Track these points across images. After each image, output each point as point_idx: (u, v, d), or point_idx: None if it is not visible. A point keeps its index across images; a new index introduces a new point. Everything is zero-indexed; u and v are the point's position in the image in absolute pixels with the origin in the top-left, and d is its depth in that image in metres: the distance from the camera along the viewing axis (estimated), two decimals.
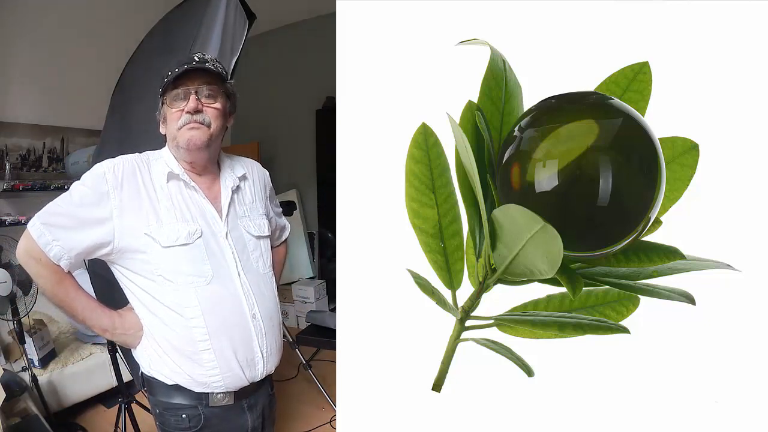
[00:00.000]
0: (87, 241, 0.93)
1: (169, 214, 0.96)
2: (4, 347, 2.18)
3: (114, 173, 0.94)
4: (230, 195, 1.05)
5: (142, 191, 0.96)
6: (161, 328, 0.97)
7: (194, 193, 1.01)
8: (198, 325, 0.95)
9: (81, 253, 0.94)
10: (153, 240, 0.94)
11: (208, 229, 0.99)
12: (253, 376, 1.02)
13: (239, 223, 1.05)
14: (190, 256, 0.96)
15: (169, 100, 0.98)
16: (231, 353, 0.97)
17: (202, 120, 0.97)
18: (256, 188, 1.14)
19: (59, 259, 0.93)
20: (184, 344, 0.96)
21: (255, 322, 1.00)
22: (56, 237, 0.92)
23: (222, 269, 0.99)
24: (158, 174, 0.99)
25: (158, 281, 0.95)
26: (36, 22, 2.57)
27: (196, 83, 0.97)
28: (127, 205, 0.94)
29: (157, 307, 0.96)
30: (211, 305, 0.96)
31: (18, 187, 2.50)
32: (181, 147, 0.98)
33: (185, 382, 0.98)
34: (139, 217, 0.94)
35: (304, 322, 3.16)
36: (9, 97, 2.54)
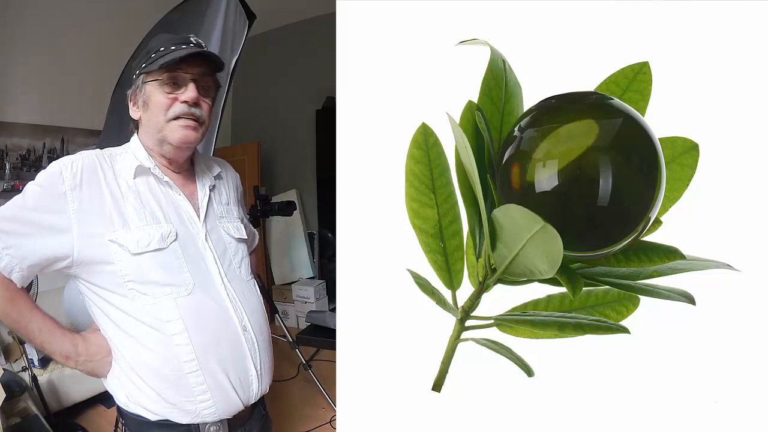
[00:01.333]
0: (42, 250, 0.80)
1: (137, 215, 0.83)
2: (4, 347, 2.18)
3: (72, 171, 0.81)
4: (207, 193, 0.95)
5: (104, 190, 0.83)
6: (138, 351, 0.83)
7: (167, 189, 0.89)
8: (182, 343, 0.82)
9: (35, 264, 0.80)
10: (120, 247, 0.81)
11: (185, 230, 0.88)
12: (248, 399, 0.90)
13: (218, 223, 0.95)
14: (165, 263, 0.83)
15: (160, 82, 0.85)
16: (222, 374, 0.85)
17: (199, 115, 0.87)
18: (231, 190, 1.04)
19: (10, 272, 0.79)
20: (166, 368, 0.82)
21: (246, 335, 0.88)
22: (6, 245, 0.78)
23: (204, 276, 0.87)
24: (123, 170, 0.86)
25: (130, 295, 0.82)
26: (36, 23, 2.57)
27: (196, 70, 0.86)
28: (87, 208, 0.81)
29: (132, 326, 0.83)
30: (196, 318, 0.83)
31: (18, 187, 2.50)
32: (169, 143, 0.87)
33: (171, 415, 0.84)
34: (102, 222, 0.81)
35: (304, 322, 3.17)
36: (9, 97, 2.54)
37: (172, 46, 0.85)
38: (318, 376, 2.31)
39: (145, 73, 0.87)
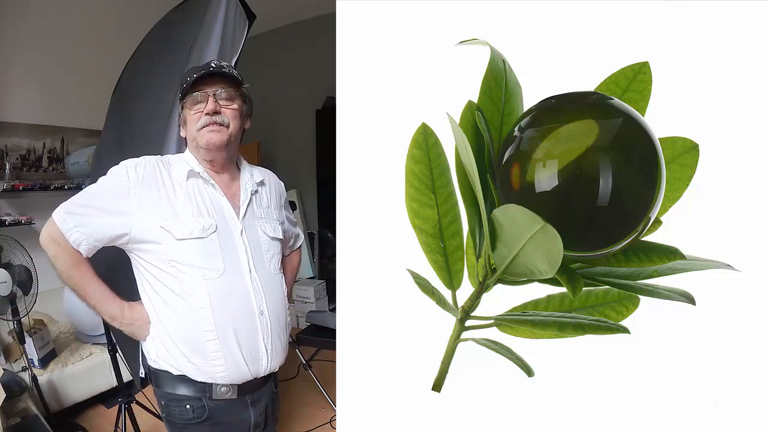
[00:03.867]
0: (106, 228, 0.98)
1: (186, 209, 1.01)
2: (4, 347, 2.18)
3: (136, 171, 1.01)
4: (249, 196, 1.10)
5: (161, 189, 1.02)
6: (171, 317, 1.01)
7: (212, 189, 1.06)
8: (206, 316, 0.99)
9: (100, 239, 0.99)
10: (167, 232, 0.98)
11: (224, 225, 1.04)
12: (257, 371, 1.04)
13: (255, 223, 1.10)
14: (203, 250, 1.00)
15: (188, 103, 1.04)
16: (236, 346, 1.00)
17: (221, 121, 1.03)
18: (273, 196, 1.20)
19: (78, 244, 0.98)
20: (191, 334, 1.00)
21: (262, 318, 1.04)
22: (78, 223, 0.97)
23: (234, 264, 1.02)
24: (178, 173, 1.05)
25: (172, 272, 0.99)
26: (36, 23, 2.57)
27: (213, 87, 1.03)
28: (146, 200, 0.99)
29: (168, 296, 1.01)
30: (221, 298, 1.00)
31: (18, 187, 2.50)
32: (201, 147, 1.04)
33: (190, 372, 1.01)
34: (156, 212, 0.99)
35: (304, 322, 3.16)
36: (9, 97, 2.54)
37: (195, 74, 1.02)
38: (318, 376, 2.31)
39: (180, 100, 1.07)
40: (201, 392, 1.02)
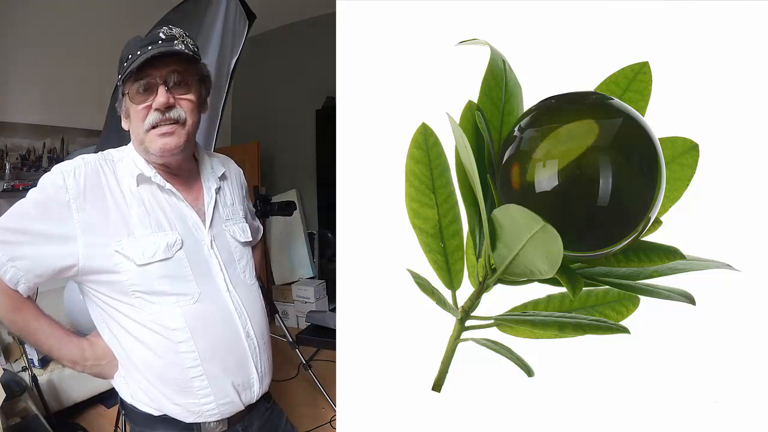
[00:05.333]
0: (47, 260, 0.79)
1: (142, 224, 0.82)
2: (4, 347, 2.18)
3: (75, 179, 0.79)
4: (213, 197, 0.93)
5: (108, 198, 0.81)
6: (144, 355, 0.84)
7: (171, 197, 0.88)
8: (188, 350, 0.83)
9: (41, 275, 0.80)
10: (125, 258, 0.80)
11: (190, 237, 0.87)
12: (249, 400, 0.92)
13: (224, 228, 0.94)
14: (170, 273, 0.83)
15: (132, 93, 0.81)
16: (225, 378, 0.87)
17: (177, 117, 0.83)
18: (235, 189, 1.02)
19: (16, 283, 0.79)
20: (172, 372, 0.84)
21: (249, 340, 0.90)
22: (11, 257, 0.78)
23: (209, 284, 0.87)
24: (125, 176, 0.84)
25: (137, 303, 0.82)
26: (36, 23, 2.57)
27: (164, 71, 0.81)
28: (92, 218, 0.79)
29: (138, 332, 0.83)
30: (201, 326, 0.84)
31: (18, 187, 2.50)
32: (152, 153, 0.84)
33: (175, 413, 0.86)
34: (106, 232, 0.80)
35: (304, 322, 3.17)
36: (9, 97, 2.54)
37: (138, 51, 0.80)
38: (318, 376, 2.31)
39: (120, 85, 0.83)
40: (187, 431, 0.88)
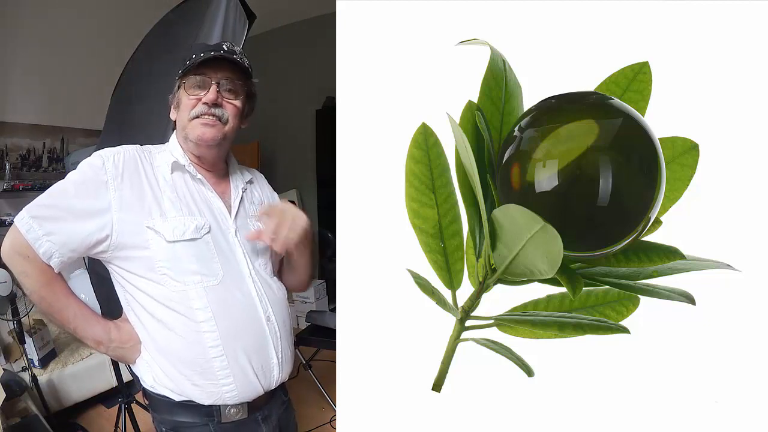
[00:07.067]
0: (82, 234, 0.83)
1: (173, 206, 0.89)
2: (4, 347, 2.18)
3: (114, 162, 0.87)
4: (240, 193, 1.00)
5: (144, 182, 0.89)
6: (166, 336, 0.87)
7: (201, 186, 0.95)
8: (209, 330, 0.86)
9: (75, 249, 0.84)
10: (156, 234, 0.86)
11: (216, 224, 0.93)
12: (269, 384, 0.94)
13: (248, 222, 0.99)
14: (197, 253, 0.88)
15: (187, 85, 0.92)
16: (245, 359, 0.89)
17: (220, 115, 0.91)
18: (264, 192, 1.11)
19: (50, 257, 0.83)
20: (193, 352, 0.87)
21: (270, 325, 0.93)
22: (47, 231, 0.82)
23: (233, 268, 0.91)
24: (161, 165, 0.93)
25: (162, 281, 0.86)
26: (36, 23, 2.57)
27: (219, 74, 0.91)
28: (127, 197, 0.86)
29: (161, 312, 0.87)
30: (224, 307, 0.88)
31: (18, 187, 2.50)
32: (191, 140, 0.92)
33: (195, 396, 0.89)
34: (141, 210, 0.86)
35: (304, 322, 3.16)
36: (9, 97, 2.54)
37: (202, 53, 0.90)
38: (318, 376, 2.31)
39: (179, 78, 0.93)
40: (207, 417, 0.90)
